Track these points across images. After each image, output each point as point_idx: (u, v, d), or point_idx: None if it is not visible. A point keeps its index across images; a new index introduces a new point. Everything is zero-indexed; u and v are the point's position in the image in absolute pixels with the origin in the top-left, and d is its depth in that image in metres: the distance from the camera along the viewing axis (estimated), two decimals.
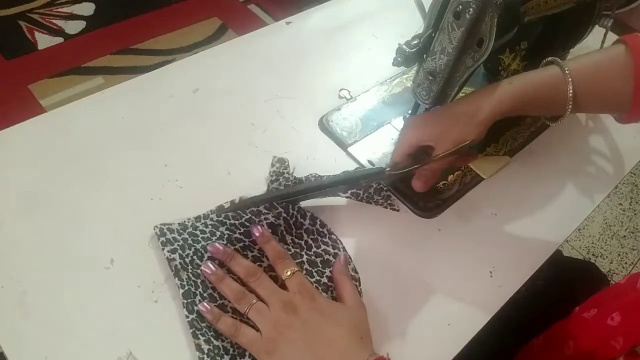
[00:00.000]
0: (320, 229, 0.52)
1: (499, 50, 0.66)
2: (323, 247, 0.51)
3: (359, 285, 0.49)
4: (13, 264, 0.47)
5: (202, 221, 0.50)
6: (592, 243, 1.55)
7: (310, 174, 0.56)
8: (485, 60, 0.47)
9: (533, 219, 0.59)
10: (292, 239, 0.51)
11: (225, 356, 0.43)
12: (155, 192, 0.54)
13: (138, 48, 1.78)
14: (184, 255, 0.47)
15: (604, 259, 1.51)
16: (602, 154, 0.68)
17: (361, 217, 0.55)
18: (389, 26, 0.81)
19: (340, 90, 0.69)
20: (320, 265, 0.49)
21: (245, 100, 0.66)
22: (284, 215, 0.50)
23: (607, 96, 0.48)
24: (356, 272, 0.50)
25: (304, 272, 0.48)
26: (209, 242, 0.48)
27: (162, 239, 0.48)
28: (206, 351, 0.42)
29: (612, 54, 0.47)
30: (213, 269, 0.46)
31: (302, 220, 0.52)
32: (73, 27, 1.82)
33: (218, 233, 0.49)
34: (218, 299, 0.46)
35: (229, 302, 0.46)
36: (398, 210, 0.57)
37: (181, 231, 0.49)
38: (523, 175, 0.63)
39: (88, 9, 1.90)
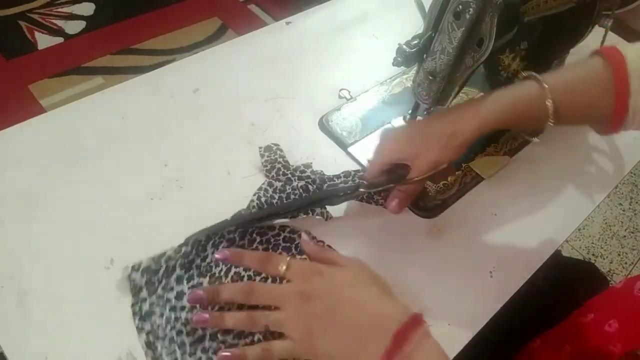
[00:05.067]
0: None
1: (499, 50, 0.66)
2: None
3: None
4: (13, 264, 0.47)
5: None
6: (592, 243, 1.55)
7: (314, 171, 0.57)
8: (485, 60, 0.47)
9: (533, 219, 0.59)
10: None
11: None
12: (155, 192, 0.54)
13: (138, 48, 1.78)
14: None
15: (604, 259, 1.51)
16: (602, 153, 0.68)
17: (361, 217, 0.55)
18: (389, 26, 0.81)
19: (340, 90, 0.69)
20: None
21: (245, 100, 0.66)
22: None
23: (588, 110, 0.48)
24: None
25: None
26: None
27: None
28: None
29: (590, 67, 0.47)
30: (206, 316, 0.42)
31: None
32: (73, 27, 1.82)
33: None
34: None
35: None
36: None
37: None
38: (523, 175, 0.63)
39: (88, 9, 1.90)
